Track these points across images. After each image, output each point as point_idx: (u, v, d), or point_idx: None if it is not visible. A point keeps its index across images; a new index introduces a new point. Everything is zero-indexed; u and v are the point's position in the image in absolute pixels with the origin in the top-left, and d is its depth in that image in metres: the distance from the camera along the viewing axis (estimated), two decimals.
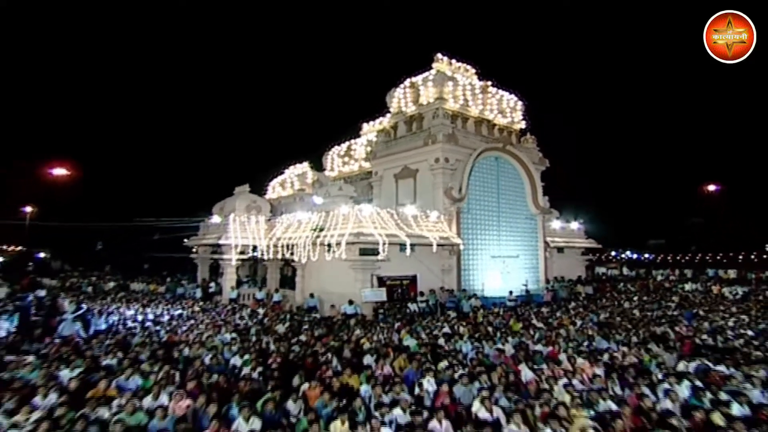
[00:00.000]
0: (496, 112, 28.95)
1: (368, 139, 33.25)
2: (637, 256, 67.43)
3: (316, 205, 24.13)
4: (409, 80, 28.25)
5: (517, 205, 28.15)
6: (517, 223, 27.93)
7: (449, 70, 28.41)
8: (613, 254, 59.91)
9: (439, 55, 28.51)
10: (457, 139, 25.11)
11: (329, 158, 37.05)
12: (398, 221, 21.42)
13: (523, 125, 30.73)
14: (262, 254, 24.52)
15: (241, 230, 24.44)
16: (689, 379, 9.32)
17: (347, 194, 23.62)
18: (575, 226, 32.40)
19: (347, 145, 35.85)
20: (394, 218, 21.43)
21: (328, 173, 36.49)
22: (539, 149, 30.65)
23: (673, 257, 57.24)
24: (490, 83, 29.10)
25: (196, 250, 30.15)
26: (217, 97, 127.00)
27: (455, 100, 26.83)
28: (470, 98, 27.58)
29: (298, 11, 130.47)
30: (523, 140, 30.49)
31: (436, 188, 24.58)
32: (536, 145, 30.66)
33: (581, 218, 33.32)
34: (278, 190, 37.53)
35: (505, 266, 26.23)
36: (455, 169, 24.72)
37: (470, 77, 29.39)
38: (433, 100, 26.47)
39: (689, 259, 54.30)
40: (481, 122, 28.35)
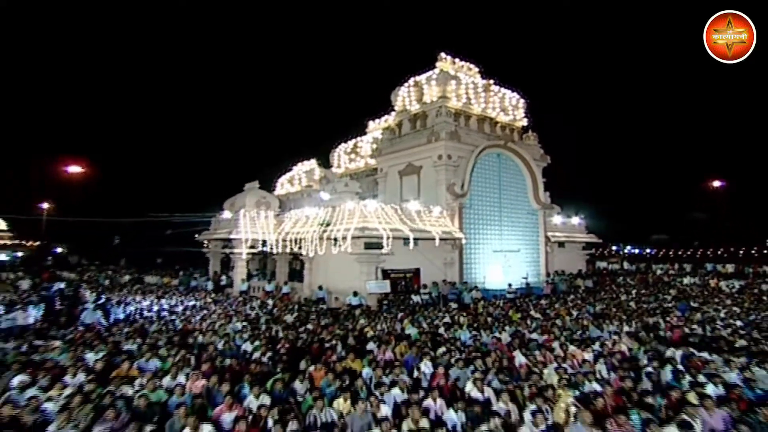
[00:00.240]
0: (498, 109, 29.42)
1: (374, 136, 33.83)
2: (638, 250, 67.47)
3: (323, 200, 24.83)
4: (413, 79, 28.81)
5: (518, 200, 28.68)
6: (518, 218, 28.48)
7: (452, 69, 28.92)
8: (614, 249, 59.99)
9: (442, 54, 29.03)
10: (459, 136, 25.66)
11: (336, 155, 37.70)
12: (402, 216, 22.11)
13: (525, 122, 31.18)
14: (271, 248, 25.27)
15: (251, 225, 25.24)
16: (672, 363, 9.93)
17: (353, 190, 24.27)
18: (576, 221, 32.85)
19: (353, 142, 36.47)
20: (398, 213, 22.10)
21: (335, 170, 37.10)
22: (541, 146, 31.12)
23: (674, 252, 57.27)
24: (492, 81, 29.59)
25: (207, 244, 30.98)
26: (229, 96, 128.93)
27: (458, 98, 27.37)
28: (473, 96, 28.10)
29: (308, 15, 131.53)
30: (525, 137, 30.94)
31: (439, 184, 25.19)
32: (538, 141, 31.12)
33: (583, 213, 33.78)
34: (287, 186, 38.29)
35: (506, 260, 26.81)
36: (458, 165, 25.29)
37: (473, 76, 29.87)
38: (436, 98, 27.04)
39: (690, 254, 54.36)
40: (483, 120, 28.85)
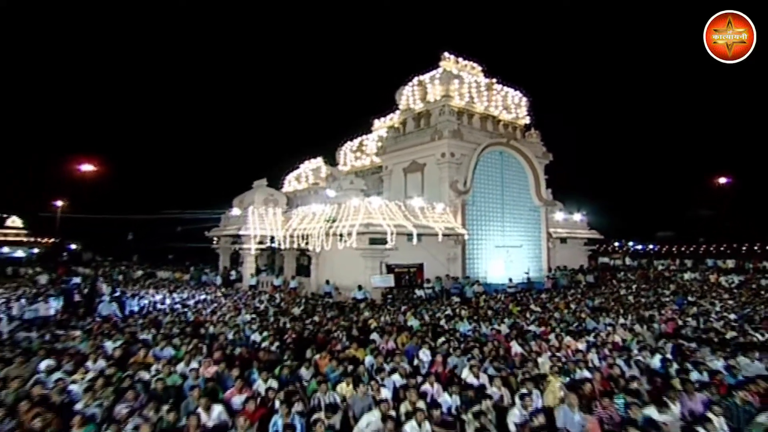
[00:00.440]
0: (501, 108, 29.82)
1: (379, 134, 34.32)
2: (642, 247, 67.43)
3: (329, 197, 25.42)
4: (417, 79, 29.25)
5: (520, 197, 29.10)
6: (520, 214, 28.89)
7: (456, 68, 29.32)
8: (616, 245, 60.05)
9: (446, 54, 29.43)
10: (462, 134, 26.11)
11: (342, 153, 38.26)
12: (406, 213, 22.65)
13: (527, 120, 31.54)
14: (279, 244, 25.93)
15: (259, 222, 25.92)
16: (661, 352, 10.40)
17: (358, 187, 24.82)
18: (578, 217, 33.18)
19: (359, 140, 36.99)
20: (401, 210, 22.65)
21: (341, 167, 37.68)
22: (543, 143, 31.46)
23: (678, 248, 57.20)
24: (495, 80, 29.98)
25: (217, 240, 31.71)
26: (238, 96, 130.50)
27: (461, 97, 27.81)
28: (475, 95, 28.53)
29: (317, 20, 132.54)
30: (527, 135, 31.30)
31: (442, 181, 25.67)
32: (540, 139, 31.46)
33: (585, 210, 34.10)
34: (294, 183, 38.97)
35: (508, 256, 27.25)
36: (461, 163, 25.75)
37: (476, 75, 30.24)
38: (439, 97, 27.49)
39: (693, 250, 54.31)
40: (486, 118, 29.26)
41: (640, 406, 7.04)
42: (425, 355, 10.45)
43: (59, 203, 38.81)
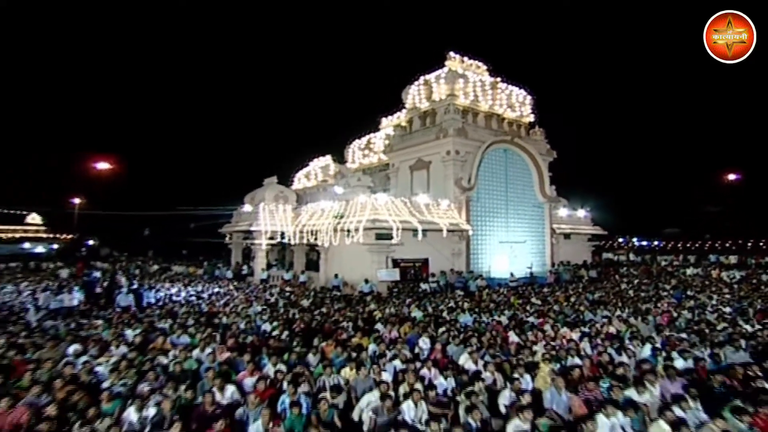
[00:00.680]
0: (505, 106, 30.22)
1: (386, 133, 34.84)
2: (647, 243, 67.17)
3: (337, 194, 26.03)
4: (423, 78, 29.74)
5: (524, 193, 29.49)
6: (524, 210, 29.31)
7: (461, 67, 29.74)
8: (621, 241, 59.94)
9: (451, 53, 29.84)
10: (467, 132, 26.58)
11: (350, 151, 38.89)
12: (411, 209, 23.22)
13: (532, 118, 31.87)
14: (289, 240, 26.59)
15: (270, 218, 26.58)
16: (651, 342, 10.86)
17: (365, 184, 25.44)
18: (582, 213, 33.53)
19: (367, 138, 37.58)
20: (407, 206, 23.22)
21: (349, 165, 38.29)
22: (547, 141, 31.73)
23: (683, 245, 56.93)
24: (499, 79, 30.36)
25: (229, 236, 32.49)
26: (250, 96, 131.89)
27: (466, 96, 28.26)
28: (480, 94, 28.95)
29: (326, 21, 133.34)
30: (531, 133, 31.62)
31: (447, 179, 26.18)
32: (545, 137, 31.73)
33: (590, 207, 34.38)
34: (303, 181, 39.71)
35: (512, 251, 27.70)
36: (465, 160, 26.24)
37: (481, 74, 30.62)
38: (444, 96, 27.95)
39: (698, 246, 54.08)
40: (491, 116, 29.68)
41: (622, 388, 7.48)
42: (425, 343, 10.98)
43: (77, 200, 39.92)
